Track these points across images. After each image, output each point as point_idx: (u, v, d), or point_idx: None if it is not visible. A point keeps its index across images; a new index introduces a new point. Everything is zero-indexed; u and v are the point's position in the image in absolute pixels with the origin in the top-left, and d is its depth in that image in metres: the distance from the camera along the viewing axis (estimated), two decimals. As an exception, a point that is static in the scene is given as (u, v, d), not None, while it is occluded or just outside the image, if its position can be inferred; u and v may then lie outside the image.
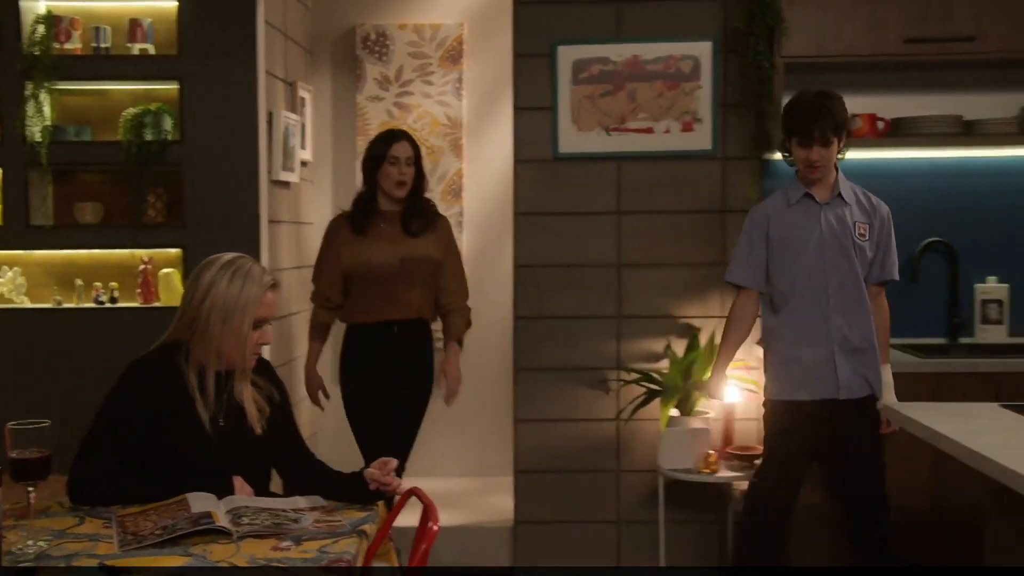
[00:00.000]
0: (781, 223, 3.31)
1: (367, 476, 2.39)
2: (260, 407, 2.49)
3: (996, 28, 3.71)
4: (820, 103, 3.19)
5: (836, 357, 3.24)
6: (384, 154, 3.68)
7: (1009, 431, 2.36)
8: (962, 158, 4.03)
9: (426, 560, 2.10)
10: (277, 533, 2.13)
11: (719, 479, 3.81)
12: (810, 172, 3.26)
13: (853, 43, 3.76)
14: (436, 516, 2.18)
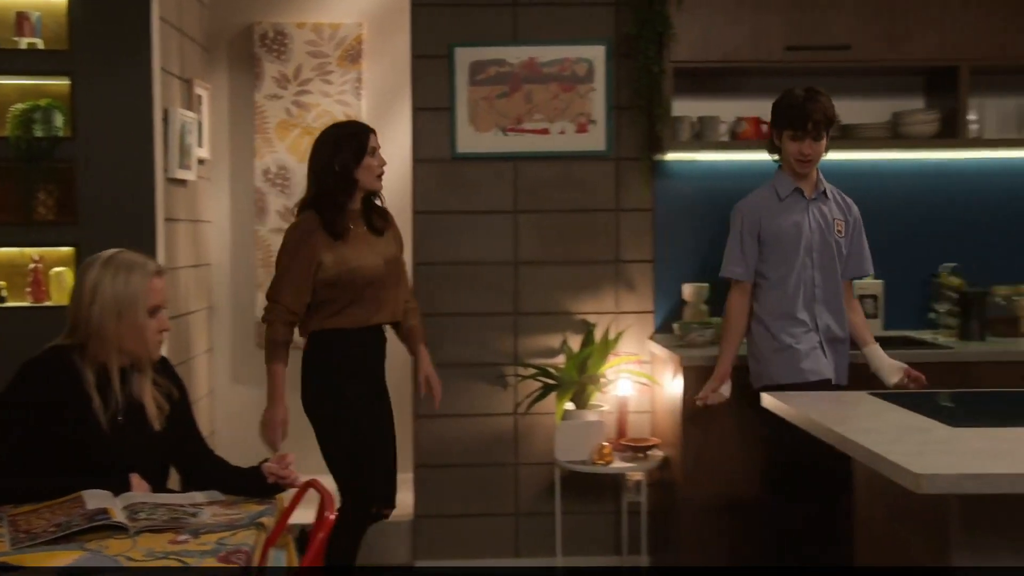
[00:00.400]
0: (772, 217, 3.43)
1: (265, 470, 2.43)
2: (159, 404, 2.50)
3: (869, 38, 3.92)
4: (812, 97, 3.33)
5: (824, 347, 3.41)
6: (365, 145, 3.35)
7: (874, 416, 2.52)
8: (839, 160, 4.22)
9: (323, 549, 2.15)
10: (175, 528, 2.15)
11: (613, 470, 3.94)
12: (802, 166, 3.39)
13: (737, 49, 3.93)
14: (332, 506, 2.23)
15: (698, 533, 3.77)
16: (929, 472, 1.93)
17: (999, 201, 4.27)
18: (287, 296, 3.32)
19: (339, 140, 3.35)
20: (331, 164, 3.32)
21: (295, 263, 3.31)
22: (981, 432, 2.33)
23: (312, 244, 3.30)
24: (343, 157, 3.31)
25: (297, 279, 3.31)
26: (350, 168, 3.32)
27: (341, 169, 3.31)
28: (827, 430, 2.39)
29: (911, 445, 2.19)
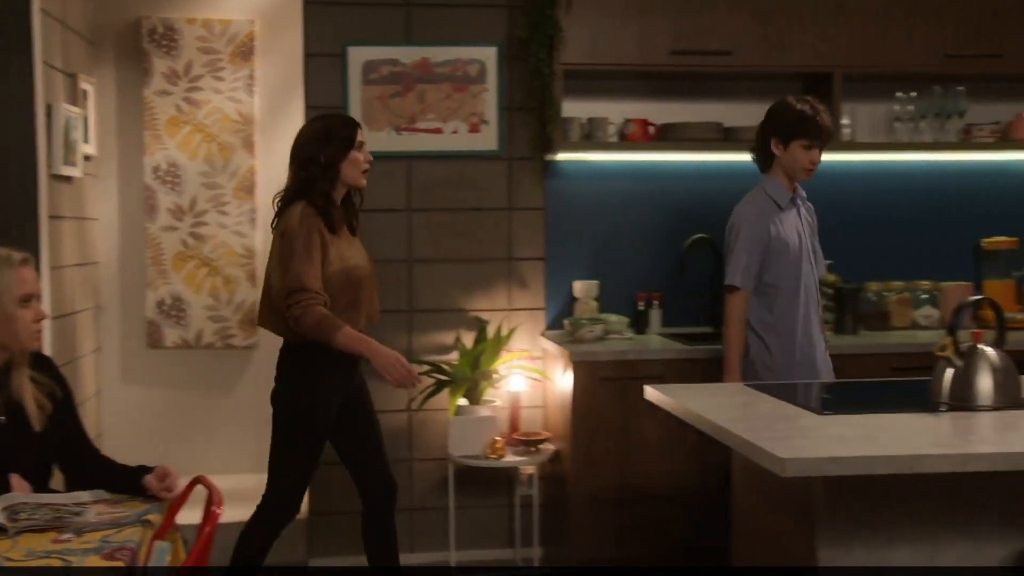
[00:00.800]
0: (778, 224, 3.46)
1: (145, 484, 2.41)
2: (40, 403, 2.47)
3: (749, 44, 4.08)
4: (823, 110, 3.44)
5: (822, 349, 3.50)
6: (352, 138, 3.22)
7: (748, 406, 2.65)
8: (722, 161, 4.39)
9: (210, 543, 2.16)
10: (58, 527, 2.13)
11: (506, 464, 4.01)
12: (809, 174, 3.48)
13: (625, 53, 4.04)
14: (220, 501, 2.24)
15: (588, 525, 3.87)
16: (793, 456, 2.05)
17: (871, 202, 4.48)
18: (312, 281, 3.06)
19: (329, 131, 3.23)
20: (317, 155, 3.19)
21: (310, 250, 3.08)
22: (845, 419, 2.47)
23: (320, 233, 3.13)
24: (331, 149, 3.19)
25: (316, 265, 3.09)
26: (336, 160, 3.20)
27: (327, 161, 3.19)
28: (703, 420, 2.50)
29: (779, 432, 2.31)
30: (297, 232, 3.10)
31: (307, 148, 3.22)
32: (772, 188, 3.51)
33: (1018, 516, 2.40)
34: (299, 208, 3.15)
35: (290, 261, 3.08)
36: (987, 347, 2.59)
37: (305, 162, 3.20)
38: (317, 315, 3.04)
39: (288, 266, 3.08)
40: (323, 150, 3.19)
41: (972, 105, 4.35)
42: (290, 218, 3.14)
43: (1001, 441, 2.26)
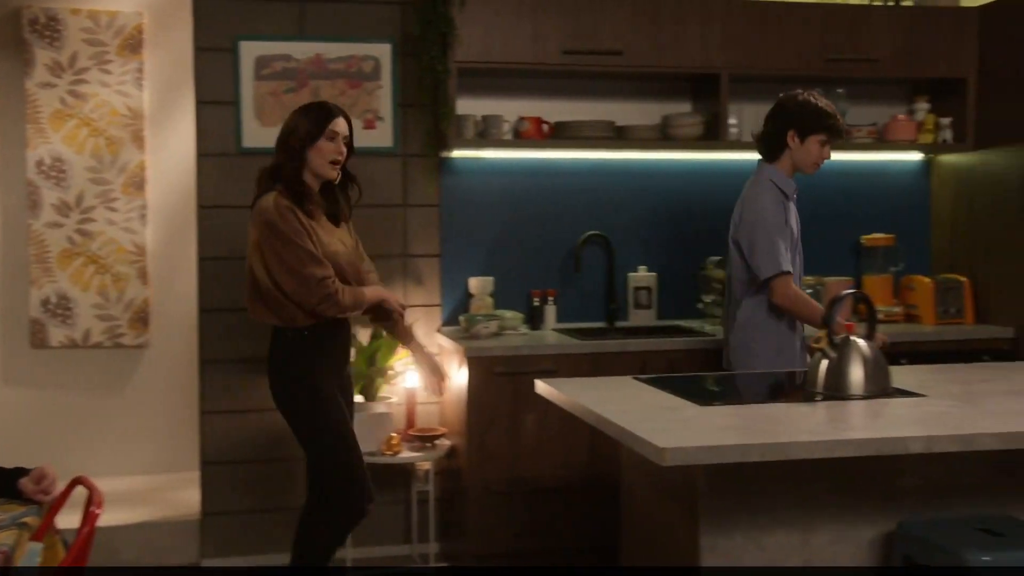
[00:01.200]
0: (789, 216, 3.54)
1: (20, 487, 2.35)
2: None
3: (639, 45, 4.17)
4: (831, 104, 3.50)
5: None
6: (321, 127, 3.17)
7: (634, 398, 2.72)
8: (615, 159, 4.48)
9: (88, 544, 2.12)
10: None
11: (402, 460, 4.02)
12: (818, 168, 3.55)
13: (518, 52, 4.09)
14: (100, 501, 2.20)
15: (484, 519, 3.91)
16: (671, 446, 2.12)
17: (757, 199, 4.62)
18: (323, 269, 3.10)
19: (302, 115, 3.22)
20: (288, 138, 3.20)
21: (302, 239, 3.10)
22: (726, 409, 2.55)
23: (301, 219, 3.13)
24: (301, 132, 3.18)
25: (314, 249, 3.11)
26: (304, 147, 3.18)
27: (296, 144, 3.18)
28: (589, 412, 2.56)
29: (661, 423, 2.38)
30: (281, 226, 3.09)
31: (285, 126, 3.23)
32: (777, 177, 3.56)
33: (887, 498, 2.53)
34: (272, 198, 3.14)
35: (293, 260, 3.09)
36: (859, 339, 2.71)
37: (279, 145, 3.22)
38: (350, 294, 3.16)
39: (293, 266, 3.09)
40: (295, 131, 3.19)
41: (851, 107, 4.52)
42: (267, 211, 3.12)
43: (868, 427, 2.37)
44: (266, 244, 3.14)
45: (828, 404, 2.60)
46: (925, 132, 4.54)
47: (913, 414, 2.48)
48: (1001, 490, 2.59)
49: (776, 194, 3.53)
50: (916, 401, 2.61)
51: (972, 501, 2.57)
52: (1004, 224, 4.36)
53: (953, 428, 2.27)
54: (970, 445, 2.22)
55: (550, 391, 2.91)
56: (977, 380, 2.94)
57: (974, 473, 2.57)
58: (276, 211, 3.11)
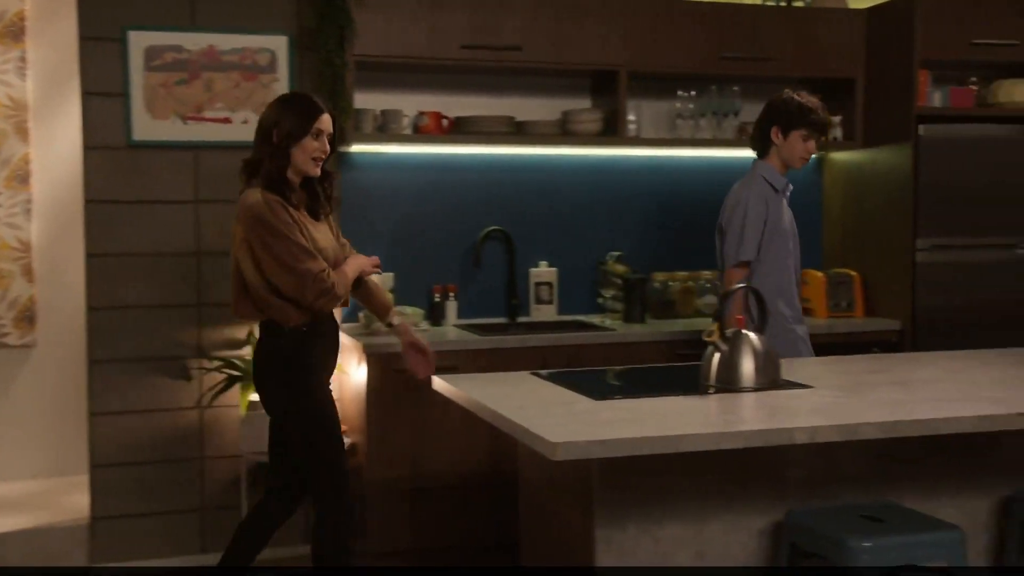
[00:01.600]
0: (773, 209, 3.63)
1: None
2: None
3: (539, 41, 4.17)
4: (822, 106, 3.61)
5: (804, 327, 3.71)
6: (309, 125, 3.06)
7: (530, 394, 2.72)
8: (515, 155, 4.48)
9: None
10: None
11: (300, 459, 3.95)
12: (804, 163, 3.67)
13: (416, 46, 4.05)
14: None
15: (384, 517, 3.87)
16: (564, 440, 2.12)
17: (655, 195, 4.68)
18: (316, 264, 3.01)
19: (285, 109, 3.10)
20: (270, 132, 3.07)
21: (294, 234, 2.99)
22: (620, 404, 2.57)
23: (291, 213, 3.03)
24: (285, 125, 3.05)
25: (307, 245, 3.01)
26: (288, 144, 3.06)
27: (278, 141, 3.06)
28: (484, 408, 2.55)
29: (555, 418, 2.38)
30: (272, 221, 2.98)
31: (265, 121, 3.10)
32: (768, 173, 3.67)
33: (776, 488, 2.58)
34: (259, 194, 3.03)
35: (287, 256, 2.98)
36: (750, 332, 2.76)
37: (260, 136, 3.10)
38: (340, 285, 3.07)
39: (287, 262, 2.98)
40: (277, 127, 3.06)
41: (746, 104, 4.61)
42: (256, 207, 3.01)
43: (756, 419, 2.42)
44: (256, 241, 3.01)
45: (720, 397, 2.64)
46: (817, 130, 4.64)
47: (800, 405, 2.53)
48: (883, 478, 2.67)
49: (763, 189, 3.65)
50: (804, 392, 2.67)
51: (856, 489, 2.64)
52: (891, 220, 4.49)
53: (837, 418, 2.33)
54: (853, 435, 2.28)
55: (448, 388, 2.90)
56: (863, 371, 3.02)
57: (858, 462, 2.64)
58: (266, 206, 3.00)
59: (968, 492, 2.73)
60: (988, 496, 2.75)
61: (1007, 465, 2.77)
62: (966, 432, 2.35)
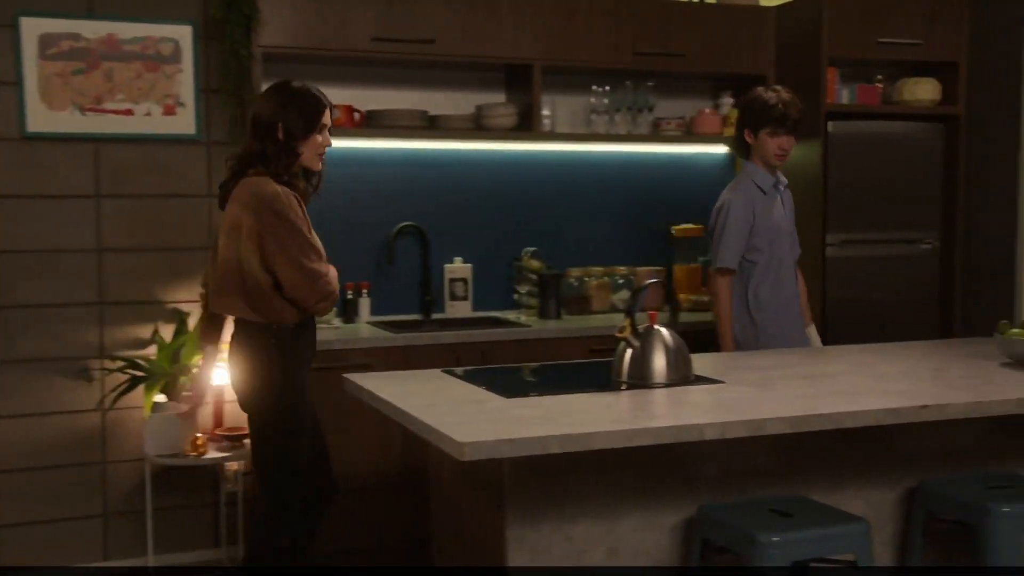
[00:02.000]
0: (761, 210, 3.65)
1: None
2: None
3: (452, 34, 4.12)
4: (790, 97, 3.63)
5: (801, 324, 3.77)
6: (317, 119, 3.00)
7: (440, 392, 2.67)
8: (429, 149, 4.42)
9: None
10: None
11: (208, 461, 3.84)
12: (781, 159, 3.65)
13: (326, 38, 3.96)
14: None
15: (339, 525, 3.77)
16: (471, 440, 2.08)
17: (571, 190, 4.66)
18: (323, 264, 2.95)
19: (289, 106, 2.98)
20: (275, 125, 2.96)
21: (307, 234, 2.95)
22: (531, 401, 2.54)
23: (304, 210, 2.98)
24: (291, 123, 2.96)
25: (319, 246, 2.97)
26: (295, 137, 2.97)
27: (285, 136, 2.96)
28: (394, 408, 2.49)
29: (464, 416, 2.34)
30: (291, 216, 2.90)
31: (267, 112, 2.98)
32: (755, 174, 3.70)
33: (688, 483, 2.58)
34: (274, 186, 2.92)
35: (299, 253, 2.89)
36: (662, 328, 2.75)
37: (263, 129, 2.97)
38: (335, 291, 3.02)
39: (298, 259, 2.89)
40: (283, 120, 2.96)
41: (661, 101, 4.63)
42: (276, 199, 2.89)
43: (667, 415, 2.41)
44: (270, 234, 2.88)
45: (631, 393, 2.63)
46: (729, 126, 4.68)
47: (711, 401, 2.53)
48: (793, 471, 2.68)
49: (750, 191, 3.68)
50: (715, 388, 2.68)
51: (767, 483, 2.66)
52: (801, 216, 4.53)
53: (746, 414, 2.33)
54: (761, 430, 2.28)
55: (358, 387, 2.83)
56: (774, 367, 3.04)
57: (769, 456, 2.65)
58: (285, 200, 2.90)
59: (874, 484, 2.77)
60: (893, 487, 2.79)
61: (912, 456, 2.81)
62: (871, 425, 2.37)
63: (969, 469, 2.86)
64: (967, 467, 2.86)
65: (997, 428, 2.85)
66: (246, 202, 2.91)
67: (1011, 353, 2.96)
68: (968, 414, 2.42)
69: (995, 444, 2.90)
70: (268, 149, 2.96)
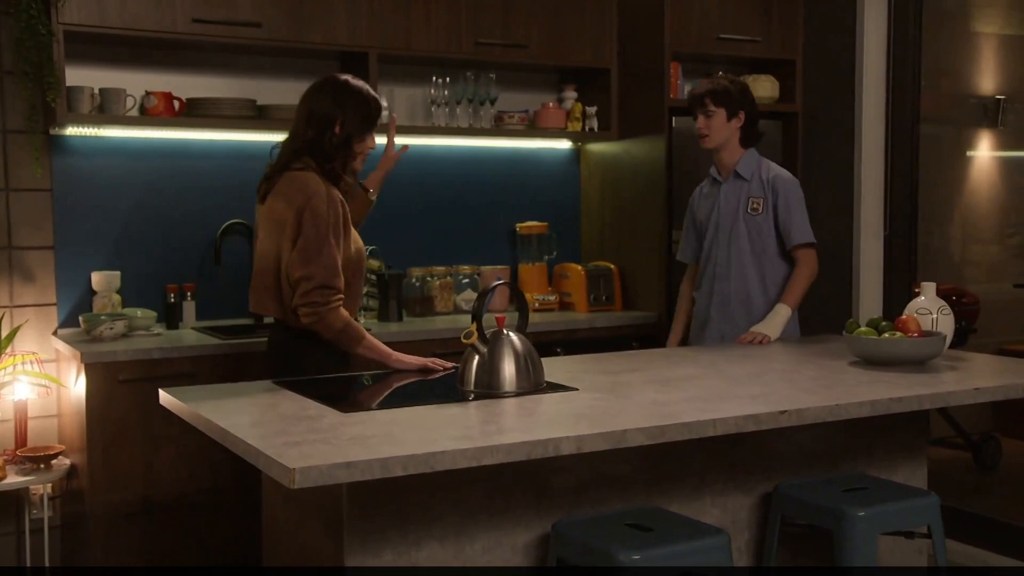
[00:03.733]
0: (700, 204, 3.70)
1: None
2: None
3: (279, 17, 3.83)
4: (706, 78, 3.61)
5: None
6: (373, 126, 2.91)
7: (268, 407, 2.41)
8: (257, 141, 4.12)
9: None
10: None
11: (9, 486, 3.44)
12: (702, 143, 3.58)
13: (139, 17, 3.61)
14: None
15: (112, 543, 3.43)
16: (303, 465, 1.84)
17: (411, 185, 4.44)
18: (341, 280, 2.78)
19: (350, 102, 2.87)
20: (333, 120, 2.84)
21: (344, 240, 2.82)
22: (370, 416, 2.31)
23: (346, 216, 2.84)
24: (350, 121, 2.86)
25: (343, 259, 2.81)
26: (352, 140, 2.87)
27: (343, 136, 2.85)
28: (213, 426, 2.22)
29: (295, 436, 2.09)
30: (328, 217, 2.77)
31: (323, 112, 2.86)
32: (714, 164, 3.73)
33: (541, 499, 2.41)
34: (321, 184, 2.80)
35: (321, 249, 2.74)
36: (511, 332, 2.58)
37: (320, 126, 2.85)
38: (344, 319, 2.79)
39: (318, 256, 2.74)
40: (341, 119, 2.86)
41: (503, 93, 4.47)
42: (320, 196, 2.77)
43: (519, 429, 2.23)
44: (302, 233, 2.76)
45: (480, 404, 2.44)
46: (574, 120, 4.57)
47: (565, 411, 2.37)
48: (649, 480, 2.56)
49: (705, 183, 3.74)
50: (568, 396, 2.52)
51: (623, 494, 2.52)
52: (645, 213, 4.49)
53: (603, 425, 2.18)
54: (621, 442, 2.13)
55: (174, 402, 2.53)
56: (625, 370, 2.91)
57: (623, 466, 2.52)
58: (328, 201, 2.78)
59: (731, 491, 2.68)
60: (748, 493, 2.71)
61: (766, 460, 2.74)
62: (732, 433, 2.26)
63: (822, 472, 2.81)
64: (819, 469, 2.82)
65: (845, 428, 2.81)
66: (291, 199, 2.79)
67: (860, 352, 2.93)
68: (826, 418, 2.35)
69: (845, 445, 2.87)
70: (327, 142, 2.84)
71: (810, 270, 3.52)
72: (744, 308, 3.56)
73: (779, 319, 3.45)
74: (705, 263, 3.68)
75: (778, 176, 3.58)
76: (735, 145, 3.60)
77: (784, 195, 3.54)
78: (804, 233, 3.53)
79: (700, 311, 3.70)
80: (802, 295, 3.53)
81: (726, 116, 3.54)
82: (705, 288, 3.67)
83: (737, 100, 3.54)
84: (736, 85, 3.58)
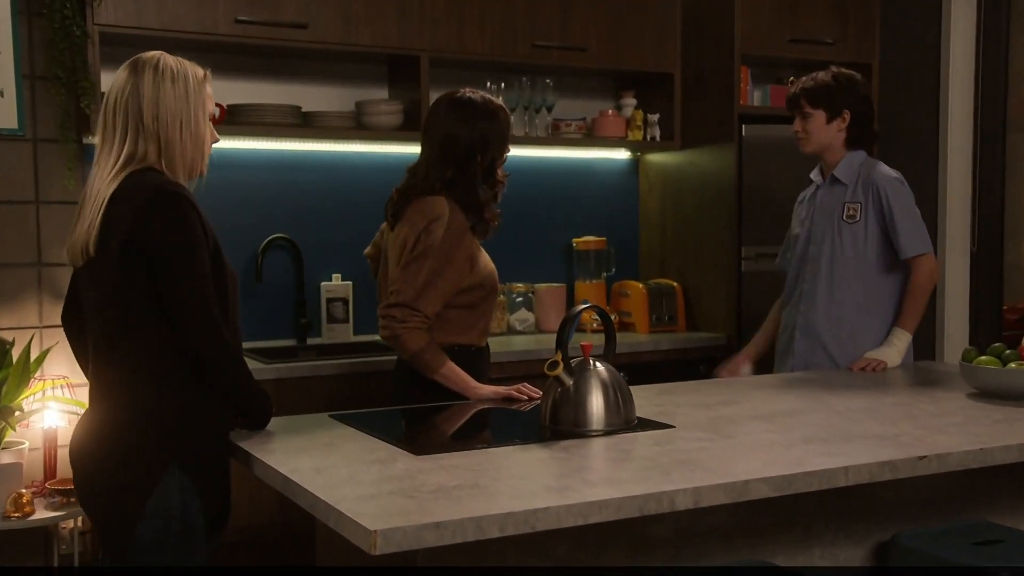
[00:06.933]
0: (797, 211, 3.41)
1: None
2: None
3: (326, 18, 3.59)
4: (802, 79, 3.28)
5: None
6: (507, 146, 2.78)
7: (328, 447, 2.14)
8: (302, 150, 3.88)
9: None
10: None
11: (34, 523, 3.20)
12: (800, 145, 3.27)
13: (178, 18, 3.39)
14: None
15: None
16: (384, 527, 1.57)
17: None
18: (431, 306, 2.64)
19: (494, 128, 2.72)
20: (473, 151, 2.69)
21: (450, 268, 2.66)
22: (447, 459, 2.03)
23: (468, 243, 2.70)
24: (494, 148, 2.73)
25: (447, 286, 2.66)
26: (495, 166, 2.75)
27: (487, 164, 2.72)
28: (276, 474, 1.95)
29: (367, 486, 1.82)
30: (439, 244, 2.64)
31: (464, 141, 2.70)
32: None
33: (635, 552, 2.13)
34: (447, 209, 2.67)
35: (419, 273, 2.63)
36: (598, 362, 2.31)
37: (460, 159, 2.70)
38: (420, 343, 2.63)
39: (414, 276, 2.63)
40: (483, 145, 2.71)
41: (559, 100, 4.21)
42: (439, 221, 2.65)
43: (621, 479, 1.94)
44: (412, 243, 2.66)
45: (568, 445, 2.16)
46: (634, 129, 4.30)
47: (668, 455, 2.08)
48: (752, 530, 2.27)
49: (808, 189, 3.41)
50: (665, 435, 2.23)
51: (726, 547, 2.23)
52: (711, 227, 4.21)
53: (720, 474, 1.89)
54: (743, 495, 1.85)
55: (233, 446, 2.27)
56: (720, 402, 2.62)
57: (722, 514, 2.23)
58: (449, 225, 2.66)
59: (841, 542, 2.38)
60: (860, 544, 2.42)
61: (878, 508, 2.44)
62: (865, 483, 1.97)
63: (939, 519, 2.51)
64: (937, 517, 2.51)
65: (964, 473, 2.51)
66: (415, 223, 2.67)
67: (981, 384, 2.63)
68: (970, 464, 2.06)
69: (963, 488, 2.57)
70: (468, 176, 2.71)
71: (924, 285, 3.12)
72: (833, 332, 3.22)
73: (900, 345, 3.12)
74: (795, 280, 3.37)
75: (880, 175, 3.18)
76: (839, 147, 3.25)
77: (887, 197, 3.14)
78: (913, 242, 3.11)
79: (785, 332, 3.38)
80: (919, 315, 3.15)
81: (826, 118, 3.21)
82: (792, 308, 3.36)
83: (840, 98, 3.20)
84: (841, 80, 3.24)
